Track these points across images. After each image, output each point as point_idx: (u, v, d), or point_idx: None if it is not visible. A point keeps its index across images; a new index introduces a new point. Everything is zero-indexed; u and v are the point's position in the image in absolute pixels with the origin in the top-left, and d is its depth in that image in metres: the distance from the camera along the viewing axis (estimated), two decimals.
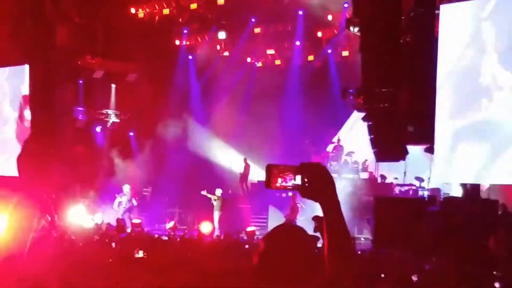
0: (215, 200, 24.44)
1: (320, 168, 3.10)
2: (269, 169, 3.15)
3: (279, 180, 3.13)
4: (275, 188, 3.13)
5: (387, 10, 16.79)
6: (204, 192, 24.51)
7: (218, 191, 24.59)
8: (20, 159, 3.71)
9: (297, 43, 26.11)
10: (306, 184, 3.09)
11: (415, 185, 22.07)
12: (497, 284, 6.72)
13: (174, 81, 28.32)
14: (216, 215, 24.24)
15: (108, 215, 23.17)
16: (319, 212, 3.12)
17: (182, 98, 28.49)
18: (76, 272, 7.39)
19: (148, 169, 26.48)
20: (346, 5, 21.97)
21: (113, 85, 27.95)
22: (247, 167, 26.70)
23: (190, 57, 28.50)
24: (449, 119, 17.07)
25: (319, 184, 3.09)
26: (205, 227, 22.45)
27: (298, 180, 3.10)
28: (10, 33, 24.65)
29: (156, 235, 18.85)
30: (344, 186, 22.59)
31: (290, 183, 3.11)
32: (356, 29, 19.68)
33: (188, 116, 28.36)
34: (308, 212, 20.17)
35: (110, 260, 8.67)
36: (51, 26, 23.71)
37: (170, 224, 22.82)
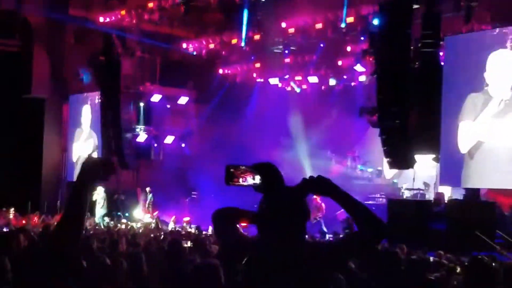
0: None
1: (271, 166, 3.07)
2: (228, 169, 3.10)
3: (240, 179, 3.07)
4: (233, 185, 3.09)
5: (397, 42, 16.63)
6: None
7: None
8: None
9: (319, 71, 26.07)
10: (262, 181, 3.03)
11: (422, 189, 21.66)
12: None
13: (217, 103, 28.31)
14: None
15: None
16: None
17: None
18: None
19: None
20: (362, 38, 21.79)
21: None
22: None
23: (228, 83, 28.40)
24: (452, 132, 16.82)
25: (271, 178, 3.03)
26: None
27: (257, 179, 3.04)
28: (88, 67, 25.45)
29: None
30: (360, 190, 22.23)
31: (249, 182, 3.07)
32: (371, 58, 19.59)
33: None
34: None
35: None
36: (118, 59, 24.18)
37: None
